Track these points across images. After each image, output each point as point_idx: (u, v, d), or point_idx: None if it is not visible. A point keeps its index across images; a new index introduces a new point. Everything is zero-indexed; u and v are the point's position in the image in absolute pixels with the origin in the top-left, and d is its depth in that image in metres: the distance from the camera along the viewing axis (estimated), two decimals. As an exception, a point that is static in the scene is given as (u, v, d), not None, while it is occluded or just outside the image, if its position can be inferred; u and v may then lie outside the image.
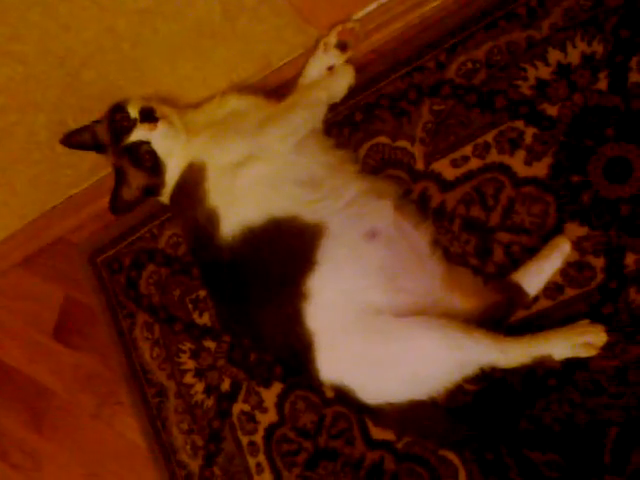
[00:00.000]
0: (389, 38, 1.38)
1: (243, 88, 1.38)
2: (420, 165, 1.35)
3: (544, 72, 1.26)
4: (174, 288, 1.56)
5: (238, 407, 1.47)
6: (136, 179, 1.28)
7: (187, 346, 1.54)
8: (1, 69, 1.11)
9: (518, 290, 1.19)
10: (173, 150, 1.27)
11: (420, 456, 1.28)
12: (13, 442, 1.74)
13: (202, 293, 1.52)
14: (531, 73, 1.27)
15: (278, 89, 1.45)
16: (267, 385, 1.44)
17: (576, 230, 1.21)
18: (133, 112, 1.23)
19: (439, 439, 1.25)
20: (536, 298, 1.22)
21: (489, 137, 1.29)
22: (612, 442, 1.15)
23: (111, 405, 1.62)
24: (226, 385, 1.48)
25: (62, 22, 1.06)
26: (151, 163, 1.26)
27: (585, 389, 1.17)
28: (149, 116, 1.23)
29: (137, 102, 1.25)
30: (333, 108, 1.40)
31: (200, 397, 1.51)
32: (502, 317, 1.19)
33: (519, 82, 1.28)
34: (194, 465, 1.49)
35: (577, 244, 1.20)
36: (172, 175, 1.29)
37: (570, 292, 1.20)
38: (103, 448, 1.62)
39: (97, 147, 1.30)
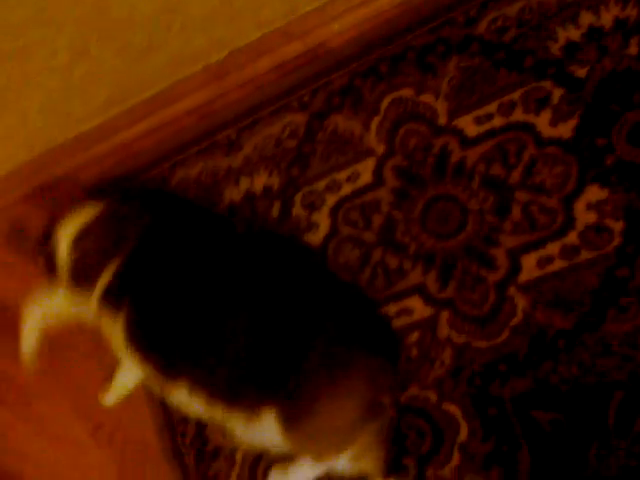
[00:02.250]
0: (420, -10, 1.37)
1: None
2: (443, 120, 1.34)
3: (575, 34, 1.26)
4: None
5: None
6: None
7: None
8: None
9: None
10: None
11: (422, 409, 1.28)
12: (2, 376, 1.71)
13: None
14: (561, 34, 1.27)
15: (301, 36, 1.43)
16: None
17: (597, 193, 1.21)
18: None
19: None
20: (552, 258, 1.22)
21: (515, 96, 1.29)
22: (618, 405, 1.15)
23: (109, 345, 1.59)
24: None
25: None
26: None
27: (595, 351, 1.18)
28: None
29: None
30: (358, 58, 1.39)
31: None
32: None
33: (549, 43, 1.28)
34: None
35: (597, 207, 1.20)
36: None
37: (586, 254, 1.20)
38: (96, 386, 1.59)
39: None
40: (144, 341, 1.15)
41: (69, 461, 1.63)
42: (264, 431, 1.07)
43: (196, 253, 1.17)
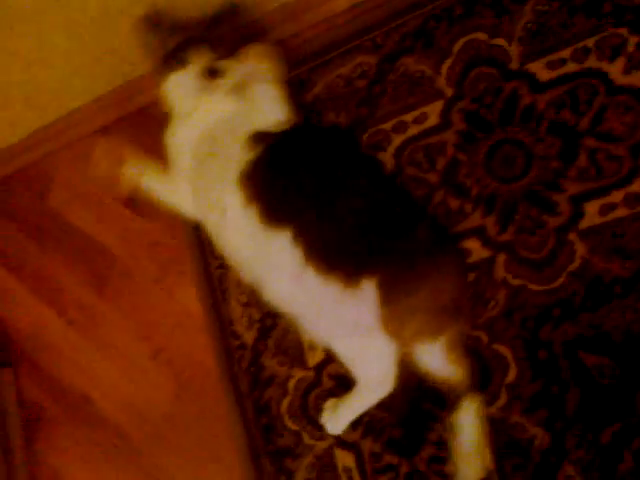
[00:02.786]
0: None
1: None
2: (515, 65, 1.34)
3: (658, -19, 1.24)
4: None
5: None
6: None
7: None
8: None
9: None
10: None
11: (473, 347, 1.30)
12: (73, 299, 1.82)
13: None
14: (644, -19, 1.25)
15: None
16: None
17: (667, 144, 1.20)
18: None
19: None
20: (615, 206, 1.22)
21: (590, 42, 1.28)
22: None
23: (174, 274, 1.67)
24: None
25: None
26: None
27: (651, 300, 1.18)
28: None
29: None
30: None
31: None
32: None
33: (630, -11, 1.26)
34: (248, 337, 1.54)
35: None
36: None
37: (650, 203, 1.20)
38: (159, 313, 1.67)
39: None
40: (262, 183, 1.21)
41: (130, 381, 1.73)
42: (359, 303, 1.09)
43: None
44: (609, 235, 1.22)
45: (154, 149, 1.64)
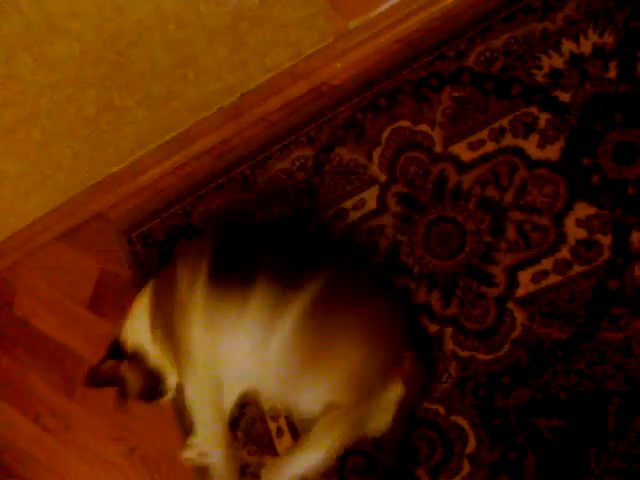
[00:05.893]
0: (413, 29, 1.46)
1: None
2: (439, 148, 1.42)
3: (558, 61, 1.34)
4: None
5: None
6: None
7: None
8: (60, 46, 1.20)
9: None
10: None
11: (432, 421, 1.35)
12: (45, 405, 1.84)
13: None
14: (545, 62, 1.35)
15: (306, 75, 1.54)
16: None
17: (585, 209, 1.28)
18: None
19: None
20: (546, 273, 1.29)
21: (505, 122, 1.37)
22: (616, 410, 1.21)
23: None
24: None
25: (117, 3, 1.16)
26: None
27: (591, 359, 1.24)
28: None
29: None
30: (359, 93, 1.51)
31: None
32: None
33: (534, 71, 1.35)
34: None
35: (586, 223, 1.27)
36: None
37: (578, 268, 1.27)
38: (131, 411, 1.69)
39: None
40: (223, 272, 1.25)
41: (108, 481, 1.74)
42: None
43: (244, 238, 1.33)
44: (544, 301, 1.29)
45: (112, 249, 1.71)
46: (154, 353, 1.33)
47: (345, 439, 1.19)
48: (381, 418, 1.25)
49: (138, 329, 1.34)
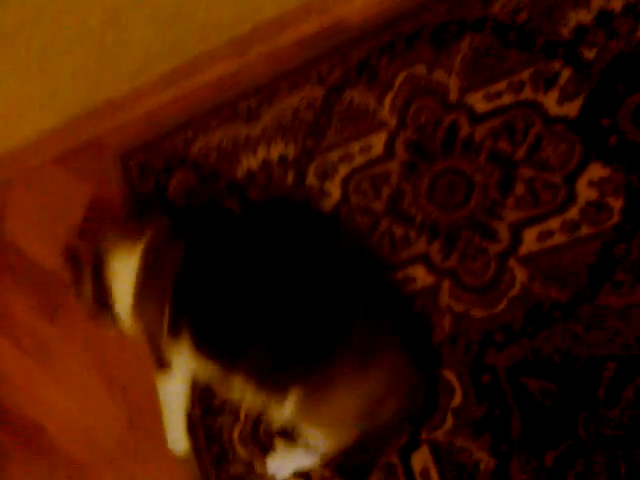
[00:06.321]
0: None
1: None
2: (454, 96, 1.38)
3: (586, 17, 1.29)
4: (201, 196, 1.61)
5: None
6: None
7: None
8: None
9: None
10: None
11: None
12: (26, 329, 1.81)
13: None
14: (573, 17, 1.30)
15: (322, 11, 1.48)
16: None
17: (599, 171, 1.24)
18: None
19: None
20: (552, 233, 1.26)
21: (525, 75, 1.32)
22: (609, 377, 1.19)
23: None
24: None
25: None
26: None
27: (589, 323, 1.21)
28: None
29: None
30: (375, 35, 1.45)
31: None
32: None
33: (560, 25, 1.31)
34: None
35: (599, 184, 1.24)
36: None
37: (585, 230, 1.24)
38: (113, 341, 1.67)
39: None
40: (208, 349, 1.22)
41: (85, 409, 1.72)
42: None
43: (231, 260, 1.23)
44: (547, 261, 1.26)
45: (106, 179, 1.67)
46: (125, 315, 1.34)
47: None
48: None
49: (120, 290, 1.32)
